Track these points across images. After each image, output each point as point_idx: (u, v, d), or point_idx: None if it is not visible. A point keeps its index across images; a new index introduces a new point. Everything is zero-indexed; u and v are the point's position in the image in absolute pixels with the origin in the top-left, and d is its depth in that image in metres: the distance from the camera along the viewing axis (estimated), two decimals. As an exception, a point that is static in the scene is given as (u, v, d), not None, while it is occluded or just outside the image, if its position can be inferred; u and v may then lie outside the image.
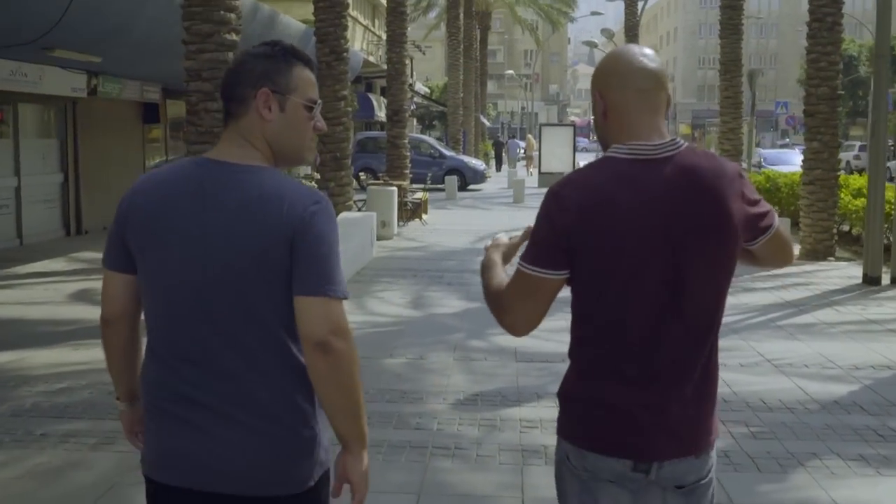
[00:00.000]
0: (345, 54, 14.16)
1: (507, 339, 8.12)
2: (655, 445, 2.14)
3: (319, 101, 2.28)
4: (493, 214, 21.50)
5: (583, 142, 72.80)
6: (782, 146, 53.83)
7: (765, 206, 2.23)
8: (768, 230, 2.23)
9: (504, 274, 2.34)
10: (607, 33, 37.08)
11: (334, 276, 2.09)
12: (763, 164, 29.58)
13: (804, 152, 14.34)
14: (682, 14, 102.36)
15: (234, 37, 8.84)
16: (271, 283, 2.08)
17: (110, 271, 2.26)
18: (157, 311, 2.18)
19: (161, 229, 2.13)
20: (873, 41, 12.84)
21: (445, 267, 12.77)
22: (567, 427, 2.23)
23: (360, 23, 35.13)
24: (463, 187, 29.88)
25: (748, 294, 10.64)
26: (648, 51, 2.21)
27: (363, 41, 35.51)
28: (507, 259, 2.46)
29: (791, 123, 42.50)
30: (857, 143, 47.57)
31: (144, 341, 2.28)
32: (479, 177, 31.73)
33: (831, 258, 13.78)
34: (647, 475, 2.14)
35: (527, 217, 5.61)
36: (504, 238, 2.50)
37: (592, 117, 2.35)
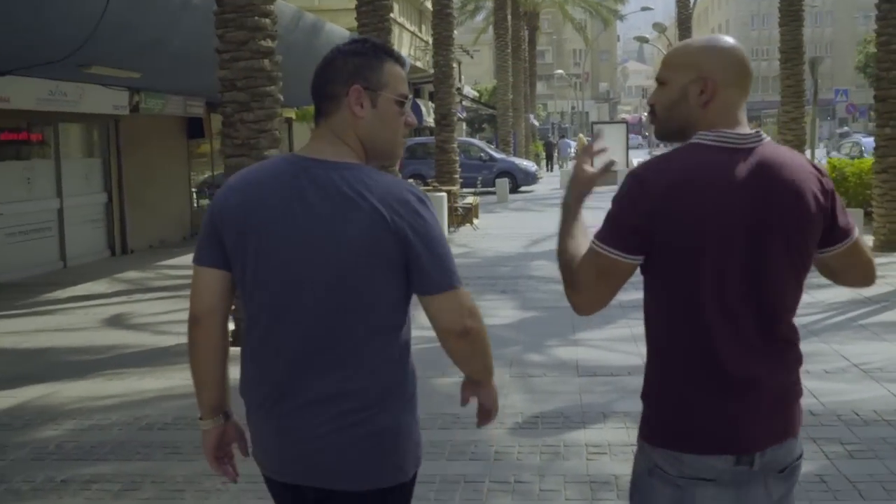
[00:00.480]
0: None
1: (567, 352, 7.58)
2: (756, 435, 2.10)
3: (410, 97, 2.28)
4: (546, 216, 20.85)
5: (635, 139, 71.82)
6: (841, 135, 52.34)
7: (847, 217, 2.22)
8: (845, 240, 2.21)
9: (582, 234, 2.27)
10: (659, 27, 36.21)
11: (452, 265, 2.16)
12: (864, 153, 27.36)
13: (876, 139, 13.54)
14: (733, 6, 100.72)
15: (269, 43, 8.40)
16: (376, 276, 2.12)
17: (202, 267, 2.25)
18: (259, 308, 2.19)
19: (260, 226, 2.14)
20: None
21: (499, 273, 12.25)
22: (656, 431, 2.16)
23: (406, 28, 34.78)
24: (514, 189, 29.31)
25: (823, 290, 9.90)
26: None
27: (410, 47, 35.16)
28: (589, 187, 2.34)
29: (851, 111, 41.18)
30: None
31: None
32: (531, 178, 31.10)
33: (908, 249, 12.98)
34: (751, 467, 2.10)
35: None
36: (588, 169, 2.34)
37: (668, 97, 2.20)
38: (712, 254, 2.06)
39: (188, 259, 10.96)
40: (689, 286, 2.08)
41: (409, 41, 35.31)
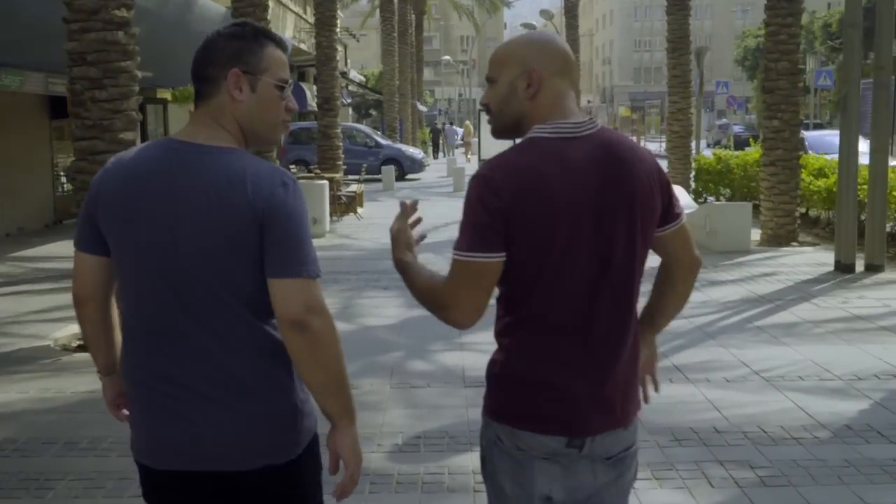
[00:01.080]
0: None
1: (453, 357, 7.00)
2: (590, 420, 2.17)
3: (291, 81, 2.27)
4: (433, 205, 20.31)
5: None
6: (720, 127, 53.45)
7: (676, 197, 2.31)
8: (678, 219, 2.31)
9: (426, 268, 2.32)
10: (546, 14, 36.08)
11: (307, 255, 2.13)
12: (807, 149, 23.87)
13: (762, 131, 13.43)
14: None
15: (125, 13, 7.51)
16: (242, 264, 2.12)
17: (81, 253, 2.29)
18: (131, 292, 2.20)
19: (131, 211, 2.14)
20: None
21: (382, 268, 11.58)
22: (498, 408, 2.23)
23: (290, 9, 33.63)
24: (401, 177, 28.70)
25: (715, 288, 9.66)
26: None
27: (294, 29, 34.04)
28: (410, 248, 2.43)
29: (731, 103, 41.87)
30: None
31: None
32: (418, 166, 30.49)
33: (794, 243, 12.90)
34: (581, 450, 2.18)
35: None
36: (394, 230, 2.44)
37: (498, 94, 2.25)
38: (563, 242, 2.12)
39: (50, 249, 9.86)
40: (538, 277, 2.14)
41: (293, 23, 34.17)
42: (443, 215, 16.93)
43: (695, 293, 2.23)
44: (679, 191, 16.01)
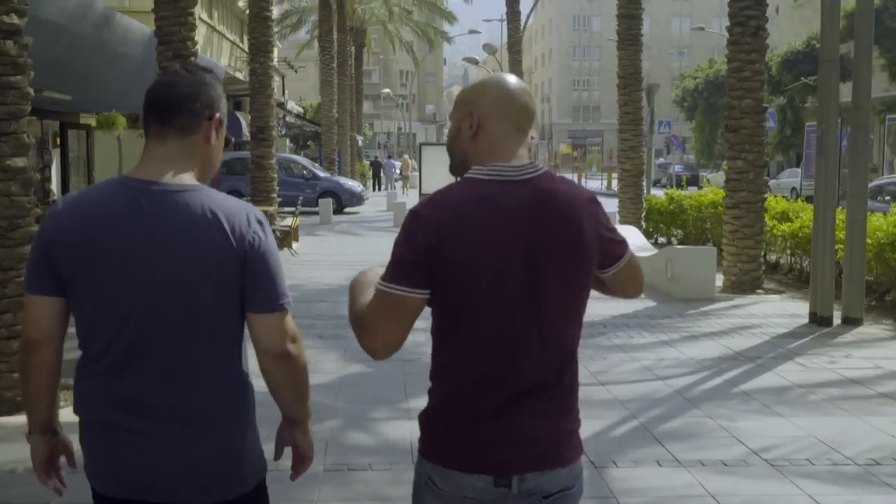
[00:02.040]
0: (192, 59, 11.70)
1: (400, 430, 5.93)
2: (514, 460, 2.17)
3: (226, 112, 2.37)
4: (373, 241, 19.25)
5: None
6: (660, 166, 53.34)
7: (619, 236, 2.32)
8: (622, 258, 2.32)
9: (369, 291, 2.30)
10: (489, 49, 35.39)
11: (284, 287, 2.25)
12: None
13: (727, 172, 12.69)
14: (556, 36, 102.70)
15: (14, 20, 6.32)
16: (220, 298, 2.18)
17: (35, 295, 2.24)
18: (97, 330, 2.19)
19: (98, 251, 2.15)
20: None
21: (317, 312, 10.47)
22: (429, 447, 2.25)
23: (226, 37, 32.48)
24: (339, 210, 27.56)
25: (689, 344, 8.74)
26: (528, 88, 2.31)
27: (231, 57, 32.86)
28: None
29: (673, 143, 41.71)
30: (800, 170, 47.17)
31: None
32: (356, 199, 29.39)
33: (759, 290, 12.10)
34: (510, 489, 2.17)
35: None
36: (379, 270, 2.34)
37: (448, 134, 2.36)
38: (487, 284, 2.14)
39: None
40: (462, 315, 2.17)
41: (229, 51, 33.00)
42: (382, 253, 15.77)
43: (668, 349, 1.72)
44: (632, 232, 15.23)
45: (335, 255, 16.61)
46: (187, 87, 2.24)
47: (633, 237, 14.62)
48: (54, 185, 21.09)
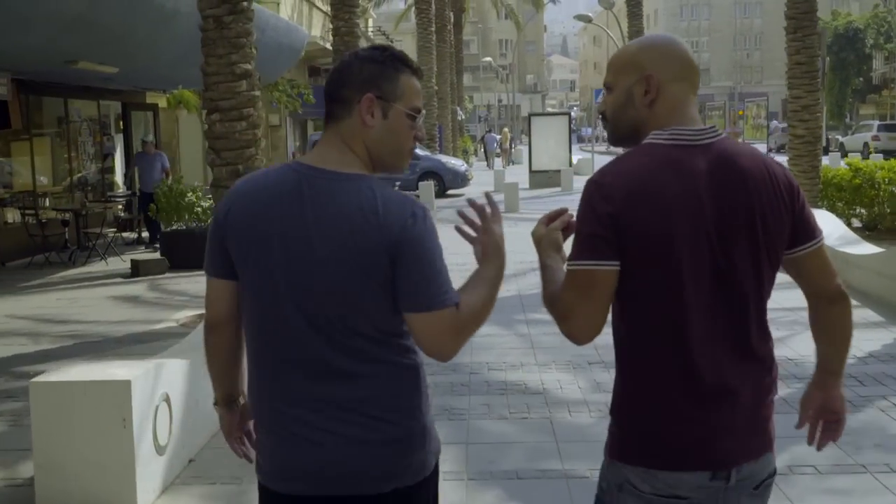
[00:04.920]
0: (244, 3, 8.67)
1: None
2: (733, 450, 2.06)
3: (423, 111, 2.28)
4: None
5: (587, 131, 66.40)
6: (782, 129, 48.94)
7: (811, 216, 2.18)
8: (813, 241, 2.17)
9: (561, 273, 2.19)
10: (606, 3, 31.78)
11: (446, 284, 2.12)
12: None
13: None
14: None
15: None
16: (374, 290, 2.10)
17: (212, 278, 2.28)
18: (261, 317, 2.19)
19: (261, 236, 2.14)
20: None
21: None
22: (628, 448, 2.10)
23: (317, 7, 29.64)
24: (441, 193, 24.61)
25: None
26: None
27: (323, 29, 30.03)
28: (558, 249, 2.28)
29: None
30: (875, 122, 42.73)
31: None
32: (461, 179, 26.36)
33: None
34: (727, 482, 2.06)
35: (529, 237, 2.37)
36: (538, 233, 2.30)
37: (615, 101, 2.18)
38: (678, 256, 2.01)
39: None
40: (658, 293, 2.04)
41: (322, 23, 30.19)
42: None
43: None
44: (829, 219, 11.71)
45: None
46: (334, 73, 2.20)
47: (832, 225, 11.10)
48: (118, 175, 18.54)
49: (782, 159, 18.03)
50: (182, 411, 4.88)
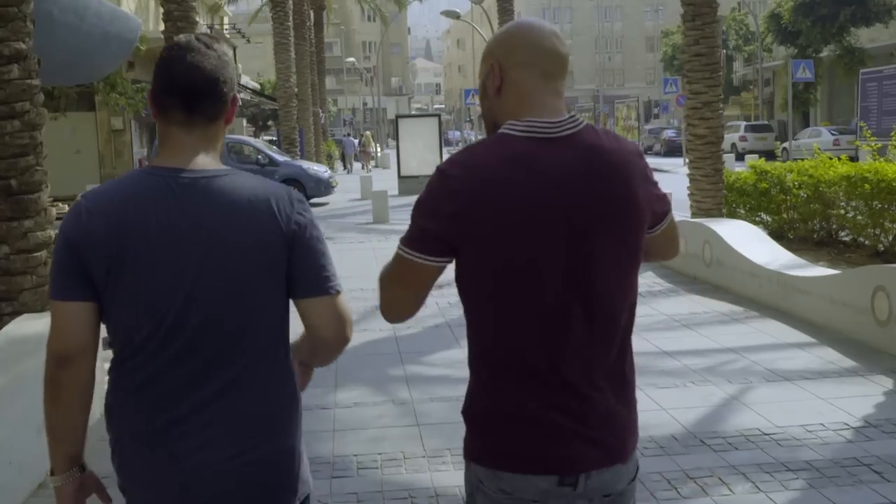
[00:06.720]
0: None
1: None
2: (582, 456, 1.97)
3: None
4: (352, 250, 13.97)
5: (454, 135, 67.14)
6: (650, 131, 48.66)
7: (661, 190, 2.14)
8: (667, 215, 2.15)
9: None
10: (476, -2, 30.17)
11: (334, 269, 2.11)
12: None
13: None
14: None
15: None
16: (267, 286, 2.04)
17: (68, 302, 2.02)
18: (143, 333, 2.02)
19: (140, 251, 1.99)
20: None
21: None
22: (477, 448, 2.04)
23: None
24: (304, 203, 22.38)
25: None
26: (557, 31, 2.05)
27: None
28: None
29: (682, 103, 36.90)
30: (742, 123, 42.54)
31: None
32: (324, 187, 24.10)
33: None
34: (575, 489, 1.97)
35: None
36: None
37: (479, 91, 2.10)
38: (529, 255, 1.92)
39: None
40: (504, 292, 1.95)
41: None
42: (373, 270, 10.56)
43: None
44: (752, 232, 10.17)
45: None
46: (211, 67, 2.03)
47: (756, 239, 9.55)
48: None
49: (662, 162, 16.75)
50: None
